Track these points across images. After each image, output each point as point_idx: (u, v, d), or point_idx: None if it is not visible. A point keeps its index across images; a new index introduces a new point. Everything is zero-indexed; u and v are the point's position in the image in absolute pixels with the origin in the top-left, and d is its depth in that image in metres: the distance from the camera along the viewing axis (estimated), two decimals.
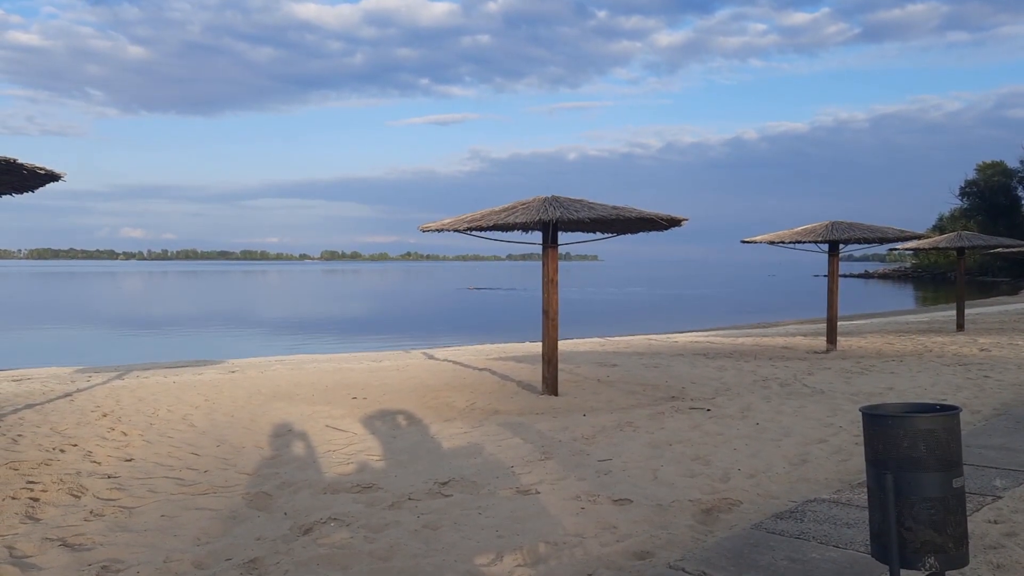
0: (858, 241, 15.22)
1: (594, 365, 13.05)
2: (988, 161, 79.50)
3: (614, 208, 9.84)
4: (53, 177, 6.32)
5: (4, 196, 7.27)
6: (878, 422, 3.28)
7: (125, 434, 7.86)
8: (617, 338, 20.76)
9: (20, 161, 5.62)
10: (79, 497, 5.72)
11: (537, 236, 10.33)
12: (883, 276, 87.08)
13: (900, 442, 3.20)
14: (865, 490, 5.07)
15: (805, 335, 19.43)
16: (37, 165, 5.85)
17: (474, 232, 10.64)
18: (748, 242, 16.26)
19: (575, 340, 19.28)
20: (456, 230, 10.32)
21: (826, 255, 15.60)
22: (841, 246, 15.46)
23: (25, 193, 7.00)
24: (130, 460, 6.84)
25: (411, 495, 5.71)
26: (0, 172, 5.91)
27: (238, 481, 6.19)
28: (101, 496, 5.75)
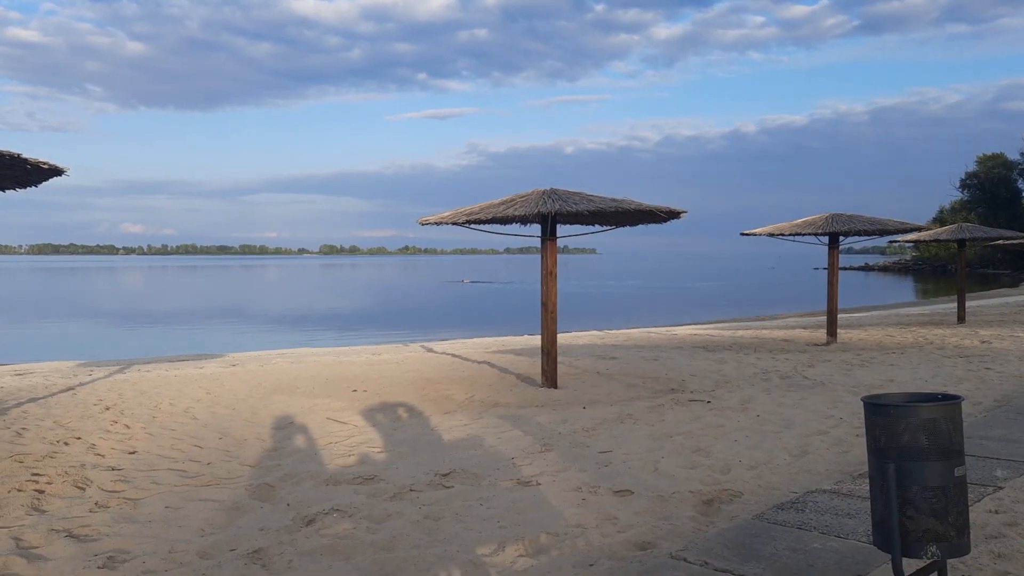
0: (858, 233, 15.21)
1: (593, 358, 13.07)
2: (988, 153, 79.43)
3: (613, 200, 9.84)
4: (56, 172, 6.33)
5: (5, 191, 7.27)
6: (880, 411, 3.30)
7: (128, 427, 7.89)
8: (616, 331, 20.78)
9: (24, 155, 5.64)
10: (84, 489, 5.74)
11: (536, 229, 10.34)
12: (883, 269, 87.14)
13: (902, 431, 3.22)
14: (866, 481, 5.09)
15: (805, 328, 19.44)
16: (40, 159, 5.87)
17: (473, 225, 10.64)
18: (748, 234, 16.26)
19: (574, 333, 19.30)
20: (455, 223, 10.33)
21: (826, 247, 15.61)
22: (841, 238, 15.45)
23: (28, 188, 7.01)
24: (133, 452, 6.86)
25: (412, 487, 5.74)
26: (4, 167, 5.92)
27: (241, 473, 6.22)
28: (106, 488, 5.78)
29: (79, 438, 7.35)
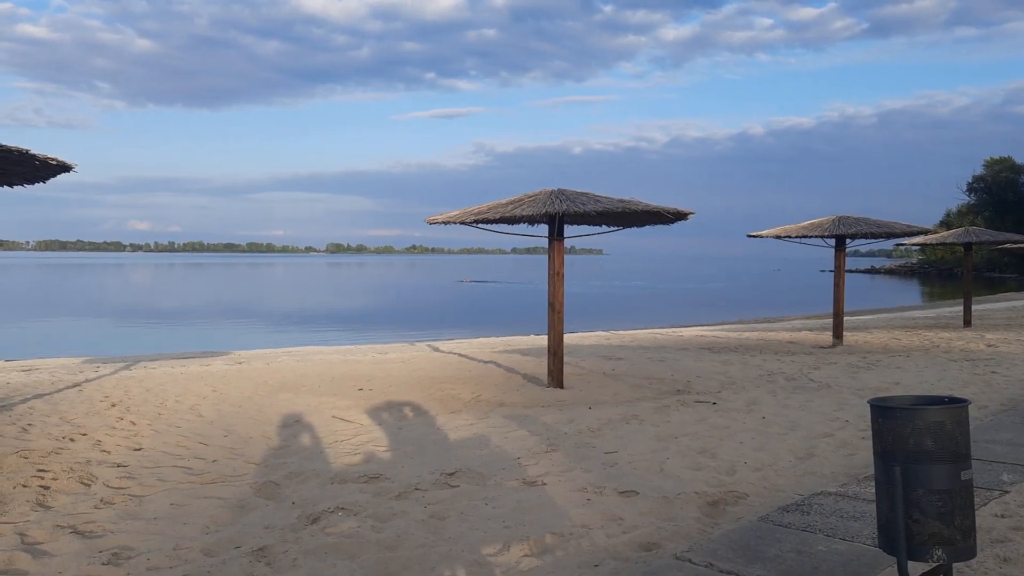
0: (865, 236, 15.18)
1: (599, 358, 13.06)
2: (996, 157, 79.21)
3: (620, 201, 9.84)
4: (64, 168, 6.34)
5: (13, 187, 7.29)
6: (887, 414, 3.29)
7: (134, 424, 7.91)
8: (622, 332, 20.76)
9: (32, 151, 5.66)
10: (89, 485, 5.76)
11: (543, 229, 10.34)
12: (889, 272, 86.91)
13: (908, 434, 3.21)
14: (871, 484, 5.08)
15: (811, 330, 19.40)
16: (48, 156, 5.89)
17: (480, 225, 10.64)
18: (754, 236, 16.23)
19: (580, 333, 19.29)
20: (463, 223, 10.33)
21: (832, 250, 15.57)
22: (848, 241, 15.42)
23: (36, 184, 7.03)
24: (139, 449, 6.88)
25: (418, 486, 5.74)
26: (12, 163, 5.94)
27: (246, 471, 6.23)
28: (111, 485, 5.79)
29: (85, 434, 7.38)
